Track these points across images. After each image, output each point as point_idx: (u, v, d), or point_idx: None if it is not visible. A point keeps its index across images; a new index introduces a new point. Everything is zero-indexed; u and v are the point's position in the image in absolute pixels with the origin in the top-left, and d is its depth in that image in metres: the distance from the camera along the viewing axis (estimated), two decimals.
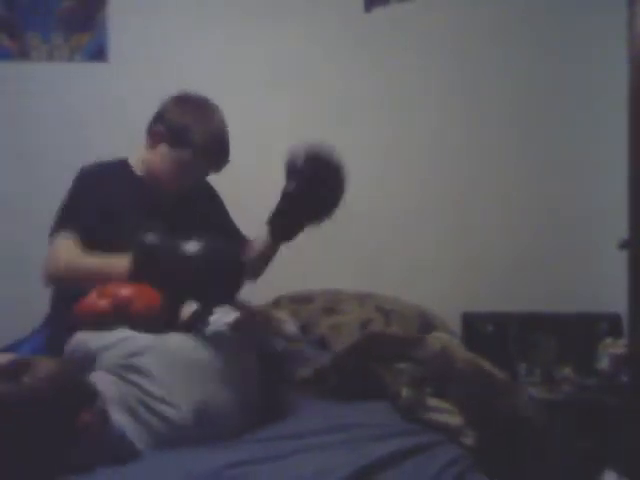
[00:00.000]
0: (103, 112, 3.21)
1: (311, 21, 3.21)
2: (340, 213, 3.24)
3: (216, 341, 1.69)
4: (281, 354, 1.95)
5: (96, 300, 1.77)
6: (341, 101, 3.23)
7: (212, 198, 2.30)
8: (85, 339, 1.68)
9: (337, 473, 1.29)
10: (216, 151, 2.07)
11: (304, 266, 3.07)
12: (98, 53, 3.20)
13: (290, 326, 2.24)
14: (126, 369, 1.56)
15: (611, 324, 3.01)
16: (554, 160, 3.22)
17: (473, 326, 3.07)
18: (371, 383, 1.79)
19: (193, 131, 2.03)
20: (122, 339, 1.63)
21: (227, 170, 2.19)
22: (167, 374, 1.57)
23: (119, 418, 1.47)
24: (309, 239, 3.18)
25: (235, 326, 1.76)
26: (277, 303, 2.84)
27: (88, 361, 1.61)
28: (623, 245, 2.55)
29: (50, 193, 3.19)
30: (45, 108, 3.22)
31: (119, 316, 1.73)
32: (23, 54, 3.19)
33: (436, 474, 1.42)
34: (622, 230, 2.56)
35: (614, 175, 2.84)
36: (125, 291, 1.77)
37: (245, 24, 3.22)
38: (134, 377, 1.55)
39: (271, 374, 1.80)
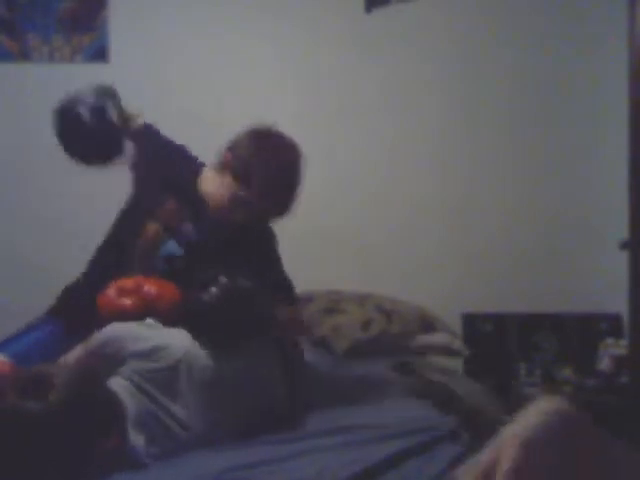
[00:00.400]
0: None
1: (311, 21, 3.21)
2: (340, 213, 3.26)
3: (243, 354, 1.68)
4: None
5: (117, 297, 1.72)
6: (341, 101, 3.23)
7: (266, 246, 2.19)
8: (120, 337, 1.61)
9: (338, 475, 1.29)
10: (274, 199, 1.98)
11: (304, 266, 3.07)
12: (99, 54, 3.20)
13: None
14: (155, 385, 1.52)
15: (611, 324, 3.01)
16: (554, 160, 3.22)
17: (473, 326, 3.07)
18: None
19: (255, 172, 1.94)
20: (158, 349, 1.58)
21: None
22: (193, 396, 1.55)
23: (134, 438, 1.45)
24: (309, 240, 3.20)
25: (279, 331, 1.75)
26: None
27: (117, 360, 1.57)
28: (623, 245, 2.55)
29: (50, 193, 3.22)
30: (46, 109, 3.21)
31: (144, 313, 1.69)
32: (24, 55, 3.19)
33: (437, 475, 1.42)
34: (622, 230, 2.56)
35: (614, 175, 2.85)
36: (149, 288, 1.73)
37: (245, 24, 3.22)
38: (159, 395, 1.52)
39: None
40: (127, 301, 1.72)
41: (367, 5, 3.18)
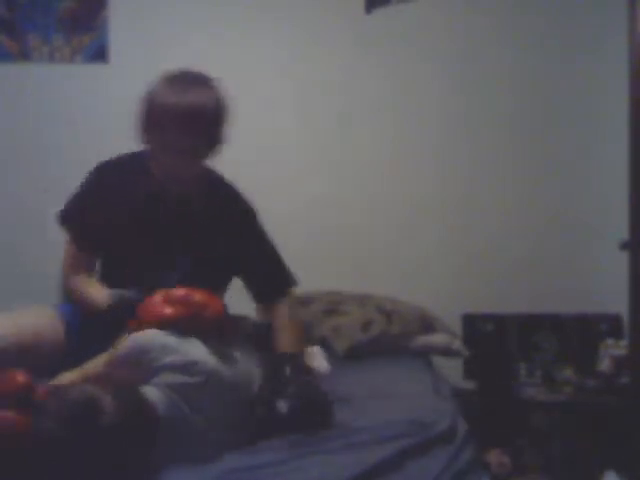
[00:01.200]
0: (104, 113, 3.21)
1: (311, 22, 3.21)
2: (341, 213, 3.26)
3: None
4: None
5: (162, 306, 1.68)
6: (342, 102, 3.24)
7: (245, 217, 2.15)
8: (153, 347, 1.56)
9: (340, 477, 1.30)
10: (179, 126, 1.82)
11: (304, 267, 3.07)
12: (99, 54, 3.20)
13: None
14: (184, 398, 1.51)
15: (612, 325, 3.01)
16: (554, 160, 3.22)
17: (473, 327, 3.07)
18: None
19: (156, 107, 1.83)
20: (191, 363, 1.55)
21: (227, 169, 2.17)
22: (217, 412, 1.55)
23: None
24: (309, 240, 3.20)
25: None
26: None
27: (148, 371, 1.54)
28: (623, 245, 2.55)
29: (50, 193, 3.21)
30: (46, 109, 3.22)
31: (188, 323, 1.65)
32: (24, 55, 3.19)
33: (438, 475, 1.42)
34: (622, 230, 2.56)
35: (614, 175, 2.85)
36: (198, 297, 1.70)
37: (245, 25, 3.22)
38: (187, 409, 1.51)
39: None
40: (169, 310, 1.66)
41: (367, 5, 3.18)
